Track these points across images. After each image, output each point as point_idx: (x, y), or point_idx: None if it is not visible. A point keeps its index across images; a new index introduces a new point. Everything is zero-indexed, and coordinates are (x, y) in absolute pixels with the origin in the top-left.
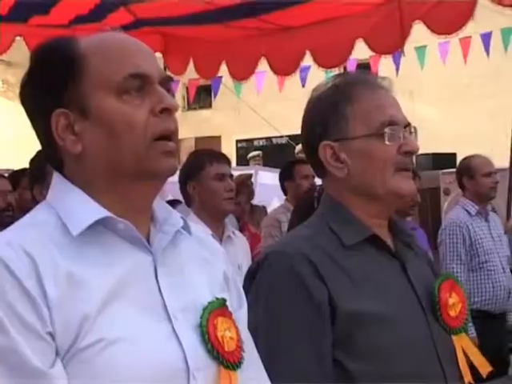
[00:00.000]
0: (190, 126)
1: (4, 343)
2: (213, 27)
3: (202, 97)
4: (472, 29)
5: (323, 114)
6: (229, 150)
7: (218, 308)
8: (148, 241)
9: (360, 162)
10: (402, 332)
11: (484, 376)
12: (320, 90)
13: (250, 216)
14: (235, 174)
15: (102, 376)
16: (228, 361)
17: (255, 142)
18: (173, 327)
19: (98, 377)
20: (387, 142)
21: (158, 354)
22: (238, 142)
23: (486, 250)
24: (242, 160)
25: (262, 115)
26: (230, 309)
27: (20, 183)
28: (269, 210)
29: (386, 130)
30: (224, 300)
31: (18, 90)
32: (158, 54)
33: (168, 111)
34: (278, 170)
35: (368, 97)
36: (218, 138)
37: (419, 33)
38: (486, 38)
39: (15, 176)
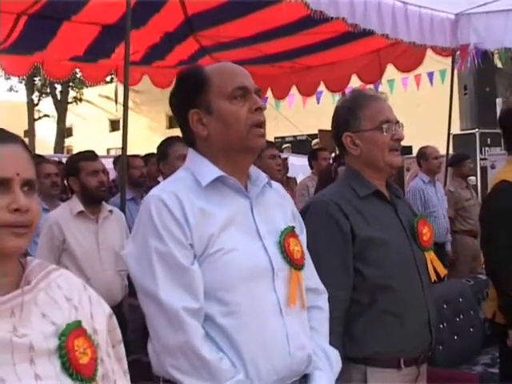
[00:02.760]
0: None
1: (164, 250)
2: (262, 66)
3: None
4: (422, 69)
5: (345, 116)
6: None
7: (290, 232)
8: (246, 191)
9: (368, 146)
10: (395, 250)
11: (442, 276)
12: (343, 100)
13: (286, 184)
14: None
15: (222, 271)
16: (296, 265)
17: (286, 138)
18: (263, 244)
19: (220, 271)
20: (385, 133)
21: (256, 258)
22: (275, 138)
23: (434, 204)
24: (279, 150)
25: (292, 121)
26: (297, 233)
27: (148, 162)
28: (298, 180)
29: (384, 125)
30: (293, 227)
31: (142, 108)
32: None
33: (260, 109)
34: (301, 156)
35: (372, 105)
36: None
37: (390, 71)
38: (430, 75)
39: (145, 158)
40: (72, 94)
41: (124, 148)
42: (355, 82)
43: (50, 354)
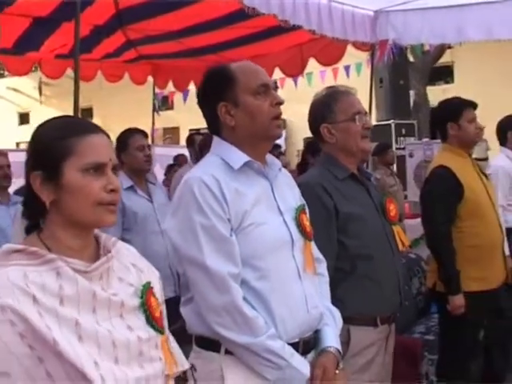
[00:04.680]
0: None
1: (208, 223)
2: (186, 60)
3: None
4: (339, 63)
5: (321, 110)
6: None
7: (302, 209)
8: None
9: (343, 134)
10: (370, 224)
11: (407, 245)
12: (319, 95)
13: None
14: None
15: (254, 242)
16: (309, 237)
17: (201, 130)
18: (283, 219)
19: (253, 242)
20: (357, 123)
21: (280, 231)
22: (190, 130)
23: None
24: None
25: None
26: (306, 210)
27: None
28: None
29: (356, 116)
30: (304, 205)
31: (52, 101)
32: (150, 78)
33: (279, 104)
34: None
35: (345, 99)
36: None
37: (309, 64)
38: (347, 68)
39: None
40: None
41: None
42: (277, 75)
43: (134, 310)
